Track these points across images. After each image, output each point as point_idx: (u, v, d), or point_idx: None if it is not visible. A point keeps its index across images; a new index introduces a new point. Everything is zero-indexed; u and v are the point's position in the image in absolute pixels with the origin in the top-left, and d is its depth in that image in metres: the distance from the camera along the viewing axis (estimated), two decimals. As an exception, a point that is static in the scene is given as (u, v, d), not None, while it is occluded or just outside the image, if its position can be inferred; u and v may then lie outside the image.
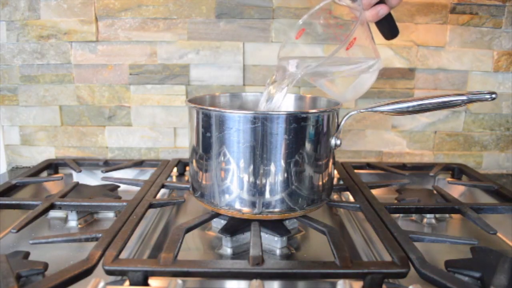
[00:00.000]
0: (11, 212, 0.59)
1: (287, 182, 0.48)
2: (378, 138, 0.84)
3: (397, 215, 0.62)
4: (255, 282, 0.38)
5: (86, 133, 0.83)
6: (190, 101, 0.54)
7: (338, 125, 0.52)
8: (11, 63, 0.79)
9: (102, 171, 0.73)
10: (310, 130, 0.48)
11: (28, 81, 0.80)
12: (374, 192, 0.62)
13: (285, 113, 0.48)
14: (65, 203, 0.57)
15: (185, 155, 0.83)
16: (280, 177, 0.48)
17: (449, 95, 0.48)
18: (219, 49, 0.79)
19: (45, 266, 0.41)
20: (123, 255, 0.45)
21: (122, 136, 0.83)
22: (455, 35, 0.79)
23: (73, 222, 0.59)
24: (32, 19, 0.77)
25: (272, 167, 0.47)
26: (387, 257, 0.45)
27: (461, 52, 0.80)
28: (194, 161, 0.53)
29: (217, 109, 0.49)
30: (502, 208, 0.59)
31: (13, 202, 0.58)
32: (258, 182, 0.48)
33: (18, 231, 0.49)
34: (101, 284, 0.37)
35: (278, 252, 0.51)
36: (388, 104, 0.50)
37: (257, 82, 0.81)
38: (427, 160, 0.85)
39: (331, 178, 0.54)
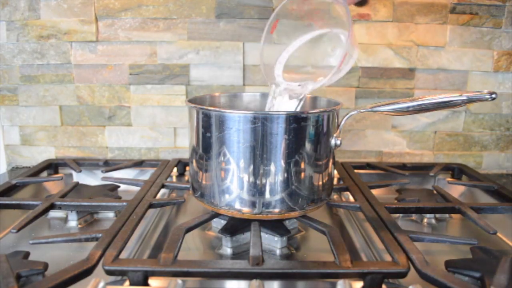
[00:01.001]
0: (11, 212, 0.59)
1: (287, 182, 0.48)
2: (378, 138, 0.84)
3: (397, 215, 0.62)
4: (255, 282, 0.38)
5: (86, 133, 0.83)
6: (190, 101, 0.54)
7: (338, 125, 0.52)
8: (11, 63, 0.79)
9: (102, 171, 0.73)
10: (310, 130, 0.48)
11: (28, 81, 0.80)
12: (374, 192, 0.62)
13: (285, 113, 0.48)
14: (65, 203, 0.57)
15: (185, 155, 0.83)
16: (280, 177, 0.48)
17: (449, 95, 0.48)
18: (219, 49, 0.79)
19: (45, 266, 0.41)
20: (123, 255, 0.45)
21: (122, 136, 0.83)
22: (455, 35, 0.79)
23: (73, 222, 0.59)
24: (32, 19, 0.77)
25: (272, 167, 0.47)
26: (387, 257, 0.45)
27: (461, 52, 0.80)
28: (194, 161, 0.53)
29: (217, 109, 0.49)
30: (502, 208, 0.59)
31: (13, 202, 0.58)
32: (258, 182, 0.48)
33: (18, 231, 0.49)
34: (101, 284, 0.37)
35: (278, 252, 0.51)
36: (388, 104, 0.50)
37: (257, 82, 0.81)
38: (427, 160, 0.85)
39: (331, 178, 0.54)
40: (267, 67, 0.56)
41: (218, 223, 0.56)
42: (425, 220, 0.62)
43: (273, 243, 0.52)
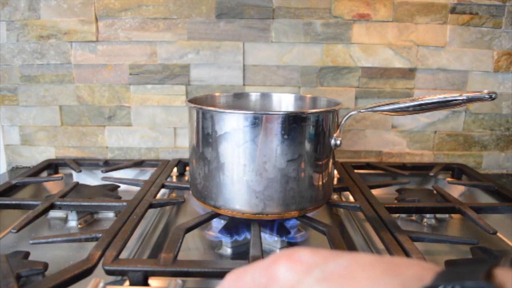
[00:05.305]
0: (11, 212, 0.59)
1: (287, 182, 0.48)
2: (378, 138, 0.84)
3: (397, 215, 0.62)
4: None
5: (86, 133, 0.83)
6: (190, 101, 0.54)
7: (338, 125, 0.52)
8: (11, 63, 0.79)
9: (102, 171, 0.73)
10: (310, 130, 0.48)
11: (28, 81, 0.80)
12: (374, 192, 0.62)
13: (285, 113, 0.48)
14: (65, 203, 0.57)
15: (185, 155, 0.83)
16: (280, 177, 0.48)
17: (449, 95, 0.47)
18: (219, 49, 0.79)
19: (45, 266, 0.41)
20: (123, 255, 0.45)
21: (122, 136, 0.83)
22: (455, 35, 0.79)
23: (73, 222, 0.59)
24: (32, 19, 0.77)
25: (272, 167, 0.47)
26: (387, 257, 0.44)
27: (461, 52, 0.80)
28: (194, 161, 0.53)
29: (217, 109, 0.49)
30: (502, 208, 0.59)
31: (13, 202, 0.58)
32: (258, 182, 0.48)
33: (18, 231, 0.49)
34: (101, 284, 0.37)
35: (278, 252, 0.51)
36: (388, 104, 0.50)
37: (257, 82, 0.81)
38: (427, 160, 0.85)
39: (331, 178, 0.54)
40: None
41: (218, 223, 0.56)
42: (425, 220, 0.62)
43: (273, 243, 0.52)
